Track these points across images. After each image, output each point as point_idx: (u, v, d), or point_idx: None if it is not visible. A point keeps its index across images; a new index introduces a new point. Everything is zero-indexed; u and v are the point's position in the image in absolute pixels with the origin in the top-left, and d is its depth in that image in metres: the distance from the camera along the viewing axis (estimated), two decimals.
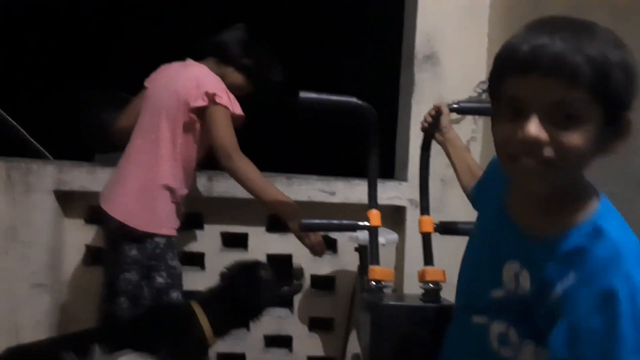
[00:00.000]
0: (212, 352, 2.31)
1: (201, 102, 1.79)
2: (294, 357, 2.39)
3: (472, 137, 2.30)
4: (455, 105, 1.43)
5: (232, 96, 1.85)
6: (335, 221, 1.58)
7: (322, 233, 1.85)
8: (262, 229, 2.36)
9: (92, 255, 2.34)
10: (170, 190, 1.86)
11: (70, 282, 2.33)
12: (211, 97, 1.79)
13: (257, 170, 1.83)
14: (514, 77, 0.73)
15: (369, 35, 4.64)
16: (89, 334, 1.67)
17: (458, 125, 2.15)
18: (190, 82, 1.83)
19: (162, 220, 1.86)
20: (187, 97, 1.81)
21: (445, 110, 1.40)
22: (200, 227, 2.36)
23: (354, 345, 2.05)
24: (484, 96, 2.18)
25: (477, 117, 2.21)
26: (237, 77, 1.96)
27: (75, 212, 2.31)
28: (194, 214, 2.37)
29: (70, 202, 2.30)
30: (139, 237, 1.82)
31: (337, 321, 2.39)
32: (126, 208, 1.85)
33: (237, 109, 1.85)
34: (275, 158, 2.77)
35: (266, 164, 2.44)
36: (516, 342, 0.82)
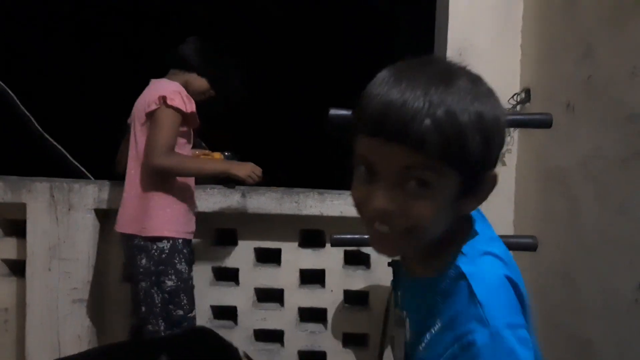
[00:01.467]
0: None
1: (154, 106, 1.90)
2: None
3: (507, 149, 2.27)
4: None
5: (187, 97, 1.95)
6: (367, 236, 1.57)
7: (352, 248, 1.86)
8: (295, 245, 2.37)
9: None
10: (162, 193, 1.95)
11: (109, 298, 2.39)
12: (163, 100, 1.89)
13: (181, 157, 1.94)
14: (363, 136, 0.67)
15: (399, 48, 4.65)
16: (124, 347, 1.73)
17: None
18: (152, 93, 1.95)
19: (162, 224, 1.94)
20: (148, 106, 1.93)
21: None
22: (235, 243, 2.39)
23: None
24: (519, 108, 2.14)
25: (512, 128, 2.18)
26: (201, 82, 2.08)
27: (114, 230, 2.38)
28: (228, 230, 2.41)
29: (109, 220, 2.37)
30: (145, 246, 1.93)
31: (371, 337, 2.37)
32: (129, 221, 1.98)
33: (191, 108, 1.94)
34: (308, 174, 2.79)
35: (298, 180, 2.46)
36: None
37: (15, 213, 2.33)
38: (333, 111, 1.42)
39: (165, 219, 1.95)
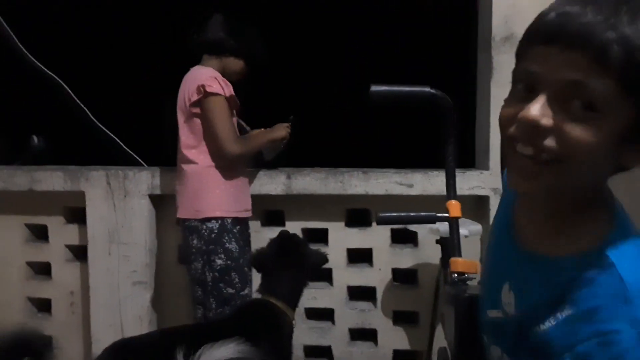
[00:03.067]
0: (300, 344, 2.37)
1: (196, 96, 1.96)
2: (380, 350, 2.40)
3: None
4: None
5: (223, 81, 1.99)
6: (413, 214, 1.56)
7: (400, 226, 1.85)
8: (342, 224, 2.38)
9: None
10: (211, 176, 2.01)
11: (167, 279, 2.49)
12: (203, 89, 1.94)
13: (244, 141, 2.05)
14: (532, 48, 0.61)
15: (442, 18, 4.51)
16: (185, 330, 1.80)
17: None
18: (190, 84, 2.00)
19: (211, 205, 2.00)
20: (190, 96, 1.98)
21: None
22: (282, 224, 2.43)
23: (440, 339, 2.02)
24: None
25: None
26: (238, 64, 2.10)
27: (168, 214, 2.46)
28: (275, 211, 2.45)
29: (163, 204, 2.45)
30: (196, 227, 2.01)
31: (421, 314, 2.36)
32: (184, 206, 2.06)
33: (229, 91, 1.99)
34: (352, 152, 2.78)
35: (342, 159, 2.46)
36: None
37: (75, 201, 2.45)
38: (374, 87, 1.40)
39: (214, 199, 2.00)
